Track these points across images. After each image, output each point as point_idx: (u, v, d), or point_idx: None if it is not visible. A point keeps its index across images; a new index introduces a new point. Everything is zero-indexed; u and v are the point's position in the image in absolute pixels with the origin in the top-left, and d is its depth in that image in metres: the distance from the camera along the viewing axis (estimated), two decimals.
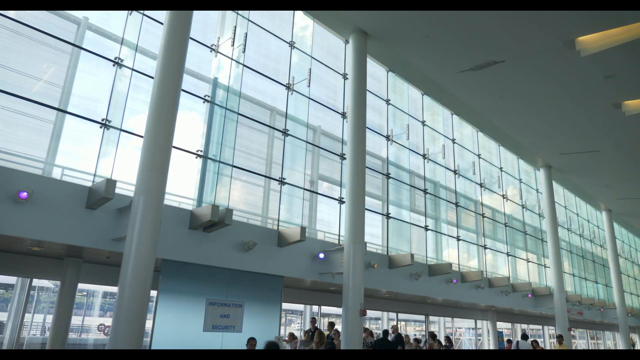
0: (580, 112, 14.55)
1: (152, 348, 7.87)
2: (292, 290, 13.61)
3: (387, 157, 14.20)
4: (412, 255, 12.61)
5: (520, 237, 21.06)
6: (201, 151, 9.26)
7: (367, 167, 13.57)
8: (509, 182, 20.77)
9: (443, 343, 15.57)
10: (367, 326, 15.85)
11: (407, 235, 14.27)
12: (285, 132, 11.06)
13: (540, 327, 26.25)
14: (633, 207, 25.18)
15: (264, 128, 11.03)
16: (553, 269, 19.52)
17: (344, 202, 11.66)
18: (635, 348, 30.12)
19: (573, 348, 27.17)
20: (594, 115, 14.60)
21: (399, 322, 18.13)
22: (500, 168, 20.24)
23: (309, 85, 11.52)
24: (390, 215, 13.66)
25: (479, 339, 21.70)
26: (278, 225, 10.39)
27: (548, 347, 25.63)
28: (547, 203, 20.49)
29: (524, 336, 15.10)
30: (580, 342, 32.06)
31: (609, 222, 27.40)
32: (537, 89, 13.49)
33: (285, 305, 15.50)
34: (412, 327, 19.81)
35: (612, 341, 34.29)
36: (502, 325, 24.04)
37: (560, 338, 13.20)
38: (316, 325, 12.24)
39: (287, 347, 11.84)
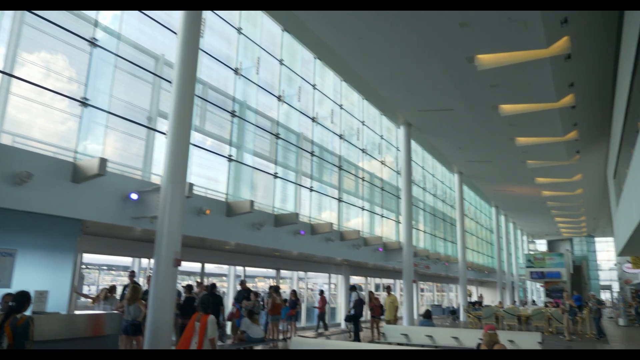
0: (436, 64, 14.21)
1: None
2: (116, 241, 11.69)
3: (234, 94, 12.61)
4: (251, 202, 11.37)
5: (378, 193, 21.15)
6: None
7: (211, 103, 11.95)
8: (370, 138, 20.53)
9: (289, 298, 14.90)
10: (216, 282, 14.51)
11: (251, 182, 12.99)
12: (92, 42, 8.84)
13: (392, 280, 27.35)
14: (480, 170, 26.88)
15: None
16: (404, 224, 19.88)
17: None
18: (472, 299, 33.23)
19: (420, 299, 29.07)
20: (449, 68, 14.37)
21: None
22: (362, 122, 19.83)
23: None
24: (232, 157, 12.20)
25: (334, 294, 21.72)
26: (75, 158, 8.33)
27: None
28: (404, 160, 20.67)
29: (352, 288, 15.05)
30: (428, 294, 34.59)
31: (459, 184, 29.16)
32: (395, 32, 12.68)
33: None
34: (288, 285, 18.98)
35: (455, 292, 37.60)
36: (356, 280, 24.48)
37: (388, 289, 13.17)
38: (135, 279, 10.59)
39: (99, 306, 10.02)
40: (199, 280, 13.81)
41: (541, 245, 61.63)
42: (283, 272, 18.49)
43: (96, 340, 7.10)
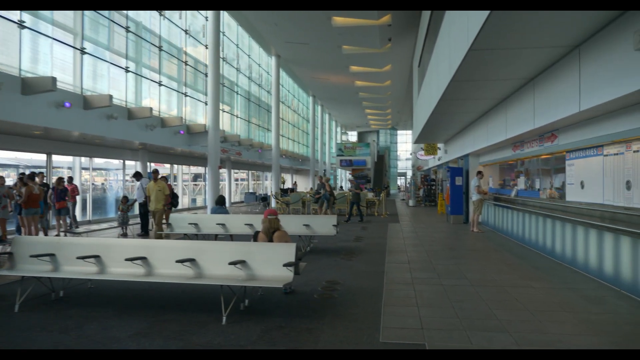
0: None
1: None
2: None
3: None
4: None
5: (182, 69, 18.36)
6: None
7: None
8: None
9: (55, 187, 12.06)
10: None
11: None
12: None
13: (202, 168, 25.64)
14: (297, 53, 25.55)
15: None
16: (210, 105, 17.78)
17: None
18: (285, 186, 33.83)
19: (235, 187, 28.25)
20: None
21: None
22: None
23: None
24: None
25: (129, 181, 19.10)
26: None
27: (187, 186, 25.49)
28: (213, 32, 17.96)
29: (138, 174, 12.96)
30: (243, 183, 34.06)
31: (277, 68, 27.65)
32: None
33: None
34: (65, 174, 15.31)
35: (270, 181, 37.90)
36: (162, 169, 22.12)
37: (155, 173, 11.29)
38: None
39: None
40: None
41: (352, 137, 66.02)
42: (58, 158, 15.15)
43: None
